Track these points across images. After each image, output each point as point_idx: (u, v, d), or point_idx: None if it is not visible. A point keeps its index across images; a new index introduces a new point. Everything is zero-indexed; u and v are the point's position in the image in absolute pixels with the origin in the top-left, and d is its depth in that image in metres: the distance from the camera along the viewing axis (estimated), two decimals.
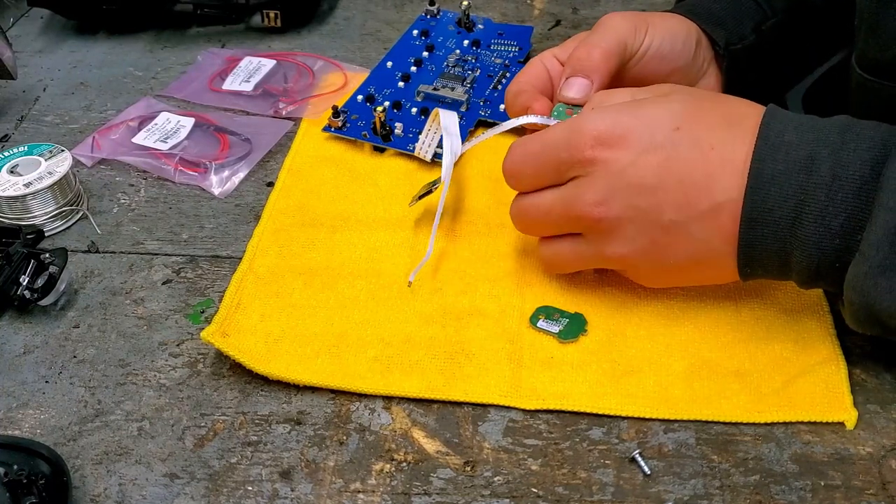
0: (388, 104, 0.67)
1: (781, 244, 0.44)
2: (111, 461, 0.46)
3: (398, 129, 0.65)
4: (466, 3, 0.76)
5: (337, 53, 0.77)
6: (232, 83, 0.72)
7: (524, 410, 0.47)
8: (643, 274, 0.51)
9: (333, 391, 0.49)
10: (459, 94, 0.68)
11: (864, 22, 0.51)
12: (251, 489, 0.44)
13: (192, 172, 0.64)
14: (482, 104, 0.68)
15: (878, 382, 0.48)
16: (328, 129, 0.66)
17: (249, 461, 0.46)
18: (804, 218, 0.43)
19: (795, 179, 0.43)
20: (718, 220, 0.46)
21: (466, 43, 0.74)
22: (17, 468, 0.40)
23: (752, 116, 0.46)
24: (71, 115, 0.71)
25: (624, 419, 0.47)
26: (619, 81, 0.55)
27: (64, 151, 0.61)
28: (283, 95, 0.71)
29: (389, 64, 0.73)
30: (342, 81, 0.72)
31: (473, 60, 0.72)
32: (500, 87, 0.70)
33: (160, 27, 0.81)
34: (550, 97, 0.56)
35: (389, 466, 0.45)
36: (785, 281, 0.47)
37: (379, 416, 0.48)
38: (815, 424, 0.46)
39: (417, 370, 0.49)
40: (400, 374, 0.49)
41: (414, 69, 0.72)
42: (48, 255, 0.54)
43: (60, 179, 0.59)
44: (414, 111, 0.67)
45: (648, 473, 0.44)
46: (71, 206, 0.60)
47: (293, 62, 0.75)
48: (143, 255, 0.58)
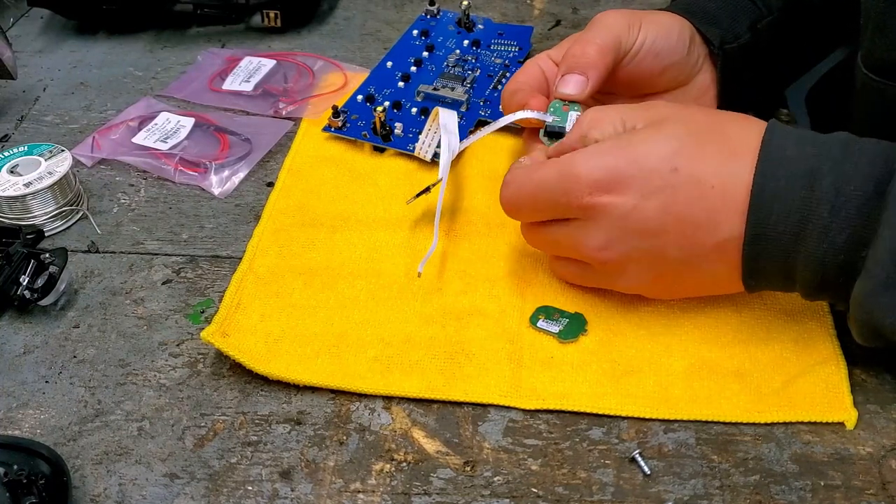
0: (388, 104, 0.67)
1: (785, 259, 0.44)
2: (111, 461, 0.46)
3: (398, 129, 0.65)
4: (466, 3, 0.76)
5: (337, 53, 0.77)
6: (232, 83, 0.72)
7: (524, 410, 0.47)
8: (650, 295, 0.52)
9: (333, 391, 0.49)
10: (459, 94, 0.68)
11: (870, 21, 0.51)
12: (251, 489, 0.44)
13: (192, 172, 0.64)
14: (482, 104, 0.68)
15: (878, 382, 0.48)
16: (328, 129, 0.66)
17: (249, 461, 0.46)
18: (808, 234, 0.43)
19: (798, 195, 0.43)
20: (724, 255, 0.46)
21: (466, 43, 0.74)
22: (17, 468, 0.40)
23: (752, 137, 0.45)
24: (71, 115, 0.71)
25: (624, 419, 0.47)
26: (613, 78, 0.55)
27: (64, 151, 0.61)
28: (283, 95, 0.71)
29: (389, 64, 0.72)
30: (342, 81, 0.72)
31: (473, 60, 0.72)
32: (500, 87, 0.70)
33: (160, 27, 0.81)
34: (546, 97, 0.56)
35: (389, 466, 0.45)
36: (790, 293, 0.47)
37: (379, 416, 0.48)
38: (815, 424, 0.46)
39: (417, 370, 0.49)
40: (400, 374, 0.49)
41: (414, 69, 0.72)
42: (48, 255, 0.54)
43: (60, 179, 0.59)
44: (414, 111, 0.67)
45: (648, 473, 0.44)
46: (71, 206, 0.60)
47: (293, 62, 0.75)
48: (143, 255, 0.58)
